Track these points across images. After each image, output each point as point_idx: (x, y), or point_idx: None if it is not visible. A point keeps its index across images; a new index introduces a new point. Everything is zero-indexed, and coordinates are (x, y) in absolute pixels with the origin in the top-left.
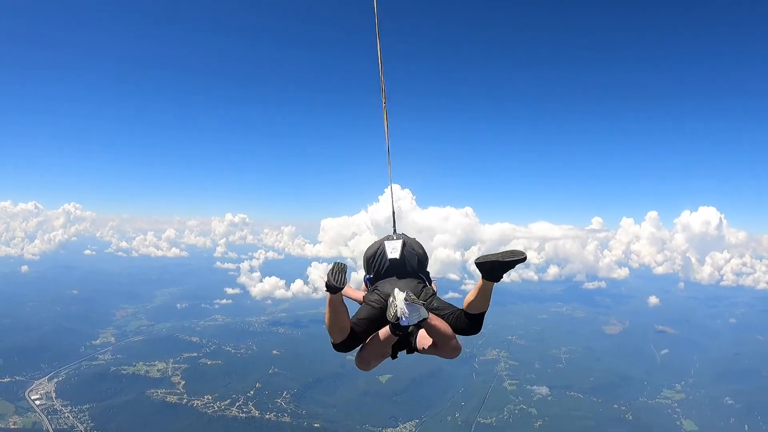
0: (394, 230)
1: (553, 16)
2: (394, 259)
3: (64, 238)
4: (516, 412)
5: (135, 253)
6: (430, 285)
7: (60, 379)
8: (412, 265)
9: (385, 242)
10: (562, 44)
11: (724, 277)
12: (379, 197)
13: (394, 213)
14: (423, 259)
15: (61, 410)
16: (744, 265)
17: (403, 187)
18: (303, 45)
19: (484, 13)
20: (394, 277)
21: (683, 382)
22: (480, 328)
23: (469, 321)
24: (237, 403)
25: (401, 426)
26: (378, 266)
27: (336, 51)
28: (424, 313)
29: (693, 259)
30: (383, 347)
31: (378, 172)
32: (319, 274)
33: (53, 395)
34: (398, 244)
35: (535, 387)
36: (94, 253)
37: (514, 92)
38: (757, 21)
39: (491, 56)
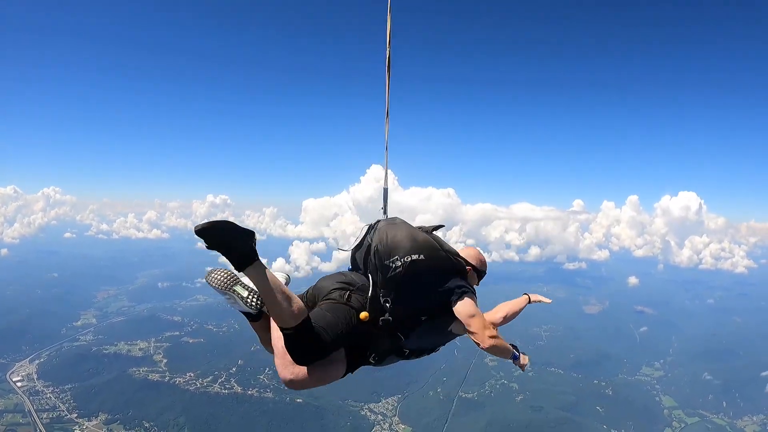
0: (384, 210)
1: (538, 3)
2: (354, 248)
3: (44, 222)
4: (497, 387)
5: (116, 236)
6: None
7: (41, 360)
8: (361, 260)
9: (364, 227)
10: (547, 30)
11: (703, 261)
12: (361, 178)
13: (386, 191)
14: (382, 252)
15: (42, 391)
16: (723, 249)
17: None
18: (283, 26)
19: None
20: (344, 271)
21: (662, 361)
22: (297, 358)
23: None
24: (219, 380)
25: (383, 401)
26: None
27: (318, 31)
28: (239, 305)
29: (672, 243)
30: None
31: (360, 152)
32: (300, 254)
33: (35, 377)
34: (365, 230)
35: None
36: (74, 236)
37: (499, 75)
38: (736, 12)
39: (476, 41)
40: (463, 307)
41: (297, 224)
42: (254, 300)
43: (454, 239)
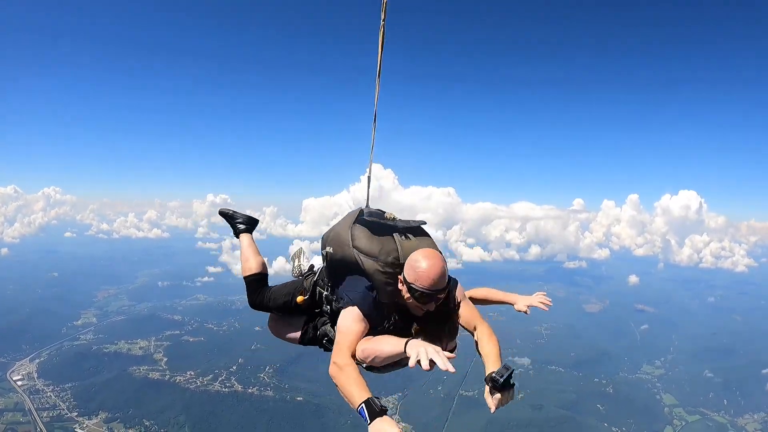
0: (367, 200)
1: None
2: None
3: (44, 222)
4: None
5: (116, 235)
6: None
7: (41, 359)
8: None
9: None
10: (547, 29)
11: (703, 260)
12: (361, 177)
13: (369, 179)
14: (322, 240)
15: (43, 390)
16: (723, 248)
17: (385, 167)
18: (282, 24)
19: None
20: None
21: (662, 359)
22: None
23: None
24: (220, 378)
25: (384, 399)
26: None
27: (317, 30)
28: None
29: (673, 242)
30: None
31: (360, 151)
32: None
33: (35, 375)
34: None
35: (516, 358)
36: (74, 235)
37: (499, 74)
38: (738, 11)
39: (476, 39)
40: (340, 319)
41: (297, 223)
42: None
43: (455, 238)
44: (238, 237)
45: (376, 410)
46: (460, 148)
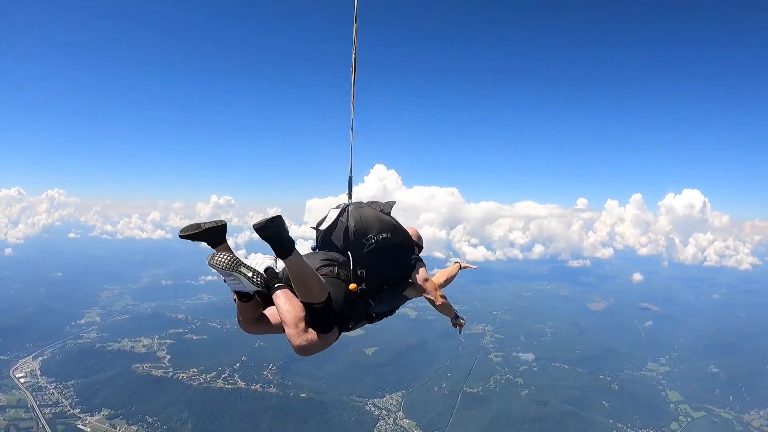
0: (349, 196)
1: None
2: (327, 229)
3: (48, 223)
4: (502, 381)
5: (120, 236)
6: (353, 267)
7: (45, 357)
8: (338, 239)
9: (330, 210)
10: (551, 25)
11: (707, 258)
12: (365, 177)
13: (351, 167)
14: (359, 231)
15: (45, 387)
16: (727, 247)
17: (388, 168)
18: (285, 26)
19: None
20: (315, 251)
21: (667, 356)
22: (324, 328)
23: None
24: (223, 376)
25: (388, 396)
26: (316, 238)
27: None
28: (243, 285)
29: (677, 241)
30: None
31: (363, 152)
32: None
33: (38, 373)
34: (335, 213)
35: (521, 354)
36: (78, 236)
37: (502, 73)
38: (743, 8)
39: (479, 36)
40: (420, 274)
41: (301, 224)
42: (259, 279)
43: (458, 238)
44: (286, 258)
45: None
46: (464, 147)
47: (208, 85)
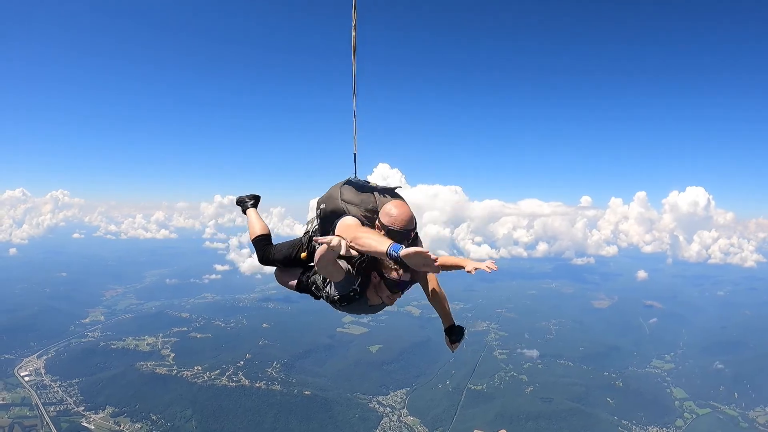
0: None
1: None
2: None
3: (53, 223)
4: (507, 378)
5: (124, 236)
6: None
7: (49, 356)
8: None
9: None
10: (553, 21)
11: (712, 256)
12: (368, 177)
13: (355, 144)
14: (318, 202)
15: (50, 385)
16: (731, 245)
17: (392, 167)
18: (285, 23)
19: None
20: None
21: (672, 353)
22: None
23: None
24: (227, 373)
25: (392, 394)
26: None
27: (321, 27)
28: None
29: (681, 238)
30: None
31: (367, 150)
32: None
33: (42, 371)
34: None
35: (525, 351)
36: (82, 236)
37: (506, 70)
38: (746, 4)
39: (483, 32)
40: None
41: (304, 223)
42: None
43: (462, 236)
44: (245, 213)
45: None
46: (467, 145)
47: (212, 84)
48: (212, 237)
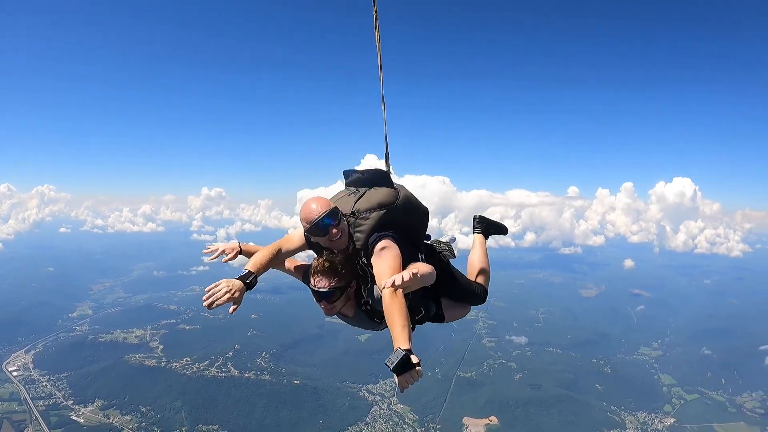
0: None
1: None
2: None
3: (39, 218)
4: (496, 366)
5: (110, 230)
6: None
7: (37, 350)
8: None
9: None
10: (540, 13)
11: (698, 246)
12: (356, 168)
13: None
14: None
15: (38, 380)
16: (718, 235)
17: (380, 158)
18: (272, 17)
19: None
20: None
21: (659, 341)
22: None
23: None
24: (216, 364)
25: (381, 382)
26: None
27: (308, 22)
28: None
29: (667, 228)
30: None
31: (355, 141)
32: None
33: (30, 366)
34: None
35: (514, 338)
36: (69, 231)
37: (492, 59)
38: None
39: (468, 27)
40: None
41: (292, 215)
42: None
43: (450, 227)
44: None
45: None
46: (455, 135)
47: (198, 76)
48: (200, 229)
